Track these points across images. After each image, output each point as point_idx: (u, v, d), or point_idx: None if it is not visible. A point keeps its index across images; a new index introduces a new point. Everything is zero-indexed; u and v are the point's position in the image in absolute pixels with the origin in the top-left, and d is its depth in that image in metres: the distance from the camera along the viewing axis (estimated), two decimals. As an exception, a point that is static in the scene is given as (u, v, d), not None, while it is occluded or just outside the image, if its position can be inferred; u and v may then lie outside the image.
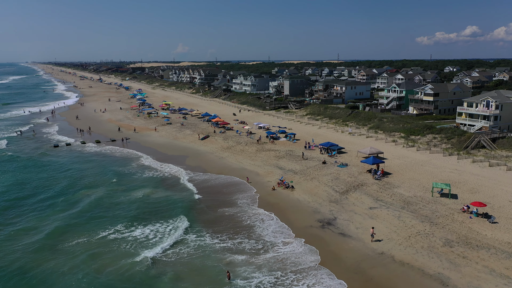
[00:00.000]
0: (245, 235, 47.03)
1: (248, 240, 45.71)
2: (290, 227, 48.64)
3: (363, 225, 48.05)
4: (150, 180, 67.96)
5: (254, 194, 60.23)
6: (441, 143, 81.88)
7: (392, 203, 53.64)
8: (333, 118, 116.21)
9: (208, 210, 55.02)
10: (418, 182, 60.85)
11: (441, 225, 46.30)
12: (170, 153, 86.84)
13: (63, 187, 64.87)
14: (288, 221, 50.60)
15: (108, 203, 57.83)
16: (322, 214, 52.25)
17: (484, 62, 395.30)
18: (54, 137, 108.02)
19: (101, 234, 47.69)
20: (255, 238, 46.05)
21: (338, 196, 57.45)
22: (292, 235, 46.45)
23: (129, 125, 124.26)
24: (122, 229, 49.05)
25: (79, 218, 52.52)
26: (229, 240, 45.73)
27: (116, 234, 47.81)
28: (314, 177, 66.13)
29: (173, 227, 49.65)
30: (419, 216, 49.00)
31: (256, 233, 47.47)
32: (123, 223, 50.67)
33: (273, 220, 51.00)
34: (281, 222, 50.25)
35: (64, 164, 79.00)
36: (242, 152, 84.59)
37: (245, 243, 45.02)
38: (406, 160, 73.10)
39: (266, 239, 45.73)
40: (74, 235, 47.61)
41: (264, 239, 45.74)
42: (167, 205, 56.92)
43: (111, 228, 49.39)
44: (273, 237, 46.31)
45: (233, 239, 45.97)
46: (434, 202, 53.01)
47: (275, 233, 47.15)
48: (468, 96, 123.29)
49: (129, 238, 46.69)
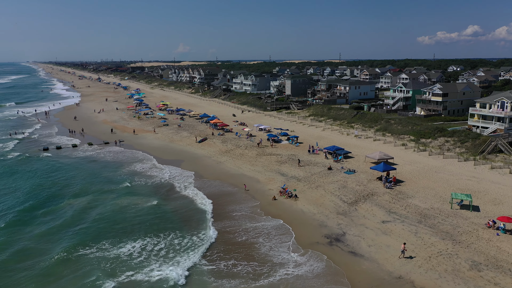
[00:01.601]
0: (243, 254, 41.74)
1: (247, 262, 40.34)
2: (295, 242, 43.38)
3: (376, 242, 42.77)
4: (140, 189, 62.66)
5: (254, 206, 54.92)
6: (455, 147, 76.50)
7: (407, 216, 48.32)
8: (338, 119, 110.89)
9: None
10: (434, 192, 55.49)
11: (465, 244, 40.98)
12: (165, 157, 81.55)
13: (46, 196, 59.62)
14: (291, 235, 45.34)
15: (94, 214, 52.60)
16: (329, 228, 46.99)
17: (488, 62, 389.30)
18: (45, 139, 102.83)
19: (81, 252, 42.48)
20: (257, 260, 40.75)
21: (347, 207, 52.16)
22: (297, 252, 41.18)
23: (124, 126, 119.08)
24: (107, 246, 43.82)
25: (59, 234, 47.31)
26: (221, 262, 40.46)
27: (99, 252, 42.57)
28: (319, 185, 60.85)
29: (164, 245, 44.39)
30: (439, 232, 43.69)
31: (257, 251, 42.16)
32: (108, 239, 45.46)
33: (278, 235, 45.73)
34: (284, 239, 44.99)
35: (51, 169, 73.74)
36: (241, 157, 79.33)
37: (242, 265, 39.72)
38: (419, 166, 67.75)
39: (270, 259, 40.41)
40: (43, 253, 42.39)
41: (267, 259, 40.44)
42: (156, 218, 51.69)
43: (93, 245, 44.15)
44: (275, 257, 41.01)
45: (226, 260, 40.68)
46: (454, 216, 47.69)
47: (277, 250, 41.85)
48: (477, 96, 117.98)
49: (111, 256, 41.44)
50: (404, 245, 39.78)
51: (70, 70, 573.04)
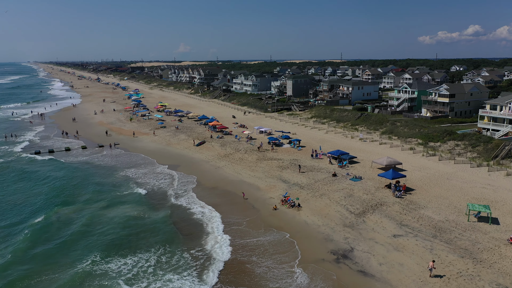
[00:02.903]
0: (238, 279, 37.96)
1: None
2: (298, 259, 39.59)
3: (387, 260, 38.90)
4: (130, 198, 58.74)
5: (254, 217, 51.07)
6: (466, 151, 72.56)
7: (421, 229, 44.41)
8: (341, 121, 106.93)
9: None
10: (448, 202, 51.55)
11: (488, 263, 37.07)
12: (161, 162, 77.66)
13: (33, 207, 55.86)
14: (295, 251, 41.52)
15: (79, 226, 48.83)
16: (335, 243, 43.12)
17: (490, 61, 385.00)
18: (38, 142, 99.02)
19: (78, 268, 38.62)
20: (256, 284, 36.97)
21: (354, 219, 48.28)
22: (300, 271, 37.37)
23: (120, 128, 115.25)
24: (98, 259, 40.05)
25: (36, 248, 43.52)
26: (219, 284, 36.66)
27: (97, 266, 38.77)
28: (323, 193, 56.95)
29: (147, 264, 40.60)
30: (457, 249, 39.78)
31: (256, 274, 38.39)
32: (95, 253, 41.68)
33: (278, 254, 41.92)
34: (285, 259, 41.17)
35: (38, 176, 69.86)
36: (241, 161, 75.45)
37: None
38: (429, 172, 63.81)
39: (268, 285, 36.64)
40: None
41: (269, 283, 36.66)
42: (141, 232, 47.90)
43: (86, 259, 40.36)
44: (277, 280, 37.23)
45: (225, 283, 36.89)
46: (472, 229, 43.78)
47: (280, 270, 38.06)
48: (485, 97, 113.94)
49: (96, 272, 37.65)
50: (433, 263, 35.82)
51: (70, 70, 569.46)
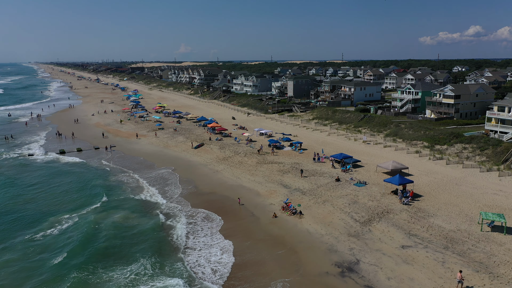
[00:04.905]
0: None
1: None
2: (300, 272, 36.87)
3: (396, 274, 36.17)
4: (122, 204, 56.15)
5: (253, 224, 48.36)
6: (474, 154, 69.81)
7: (431, 240, 41.67)
8: (343, 123, 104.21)
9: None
10: (458, 209, 48.81)
11: (505, 279, 34.33)
12: (158, 165, 75.03)
13: (25, 217, 53.27)
14: (297, 264, 38.83)
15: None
16: (340, 254, 40.40)
17: (492, 62, 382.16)
18: (33, 144, 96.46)
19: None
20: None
21: (359, 228, 45.55)
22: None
23: (117, 130, 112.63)
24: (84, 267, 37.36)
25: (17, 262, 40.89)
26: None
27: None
28: (326, 199, 54.23)
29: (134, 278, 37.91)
30: (471, 262, 37.03)
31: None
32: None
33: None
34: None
35: (31, 181, 67.33)
36: (240, 165, 72.77)
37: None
38: (437, 177, 61.06)
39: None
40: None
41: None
42: (133, 239, 45.25)
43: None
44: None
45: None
46: (486, 240, 41.03)
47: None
48: (491, 98, 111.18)
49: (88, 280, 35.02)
50: (460, 274, 33.20)
51: (70, 71, 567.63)
